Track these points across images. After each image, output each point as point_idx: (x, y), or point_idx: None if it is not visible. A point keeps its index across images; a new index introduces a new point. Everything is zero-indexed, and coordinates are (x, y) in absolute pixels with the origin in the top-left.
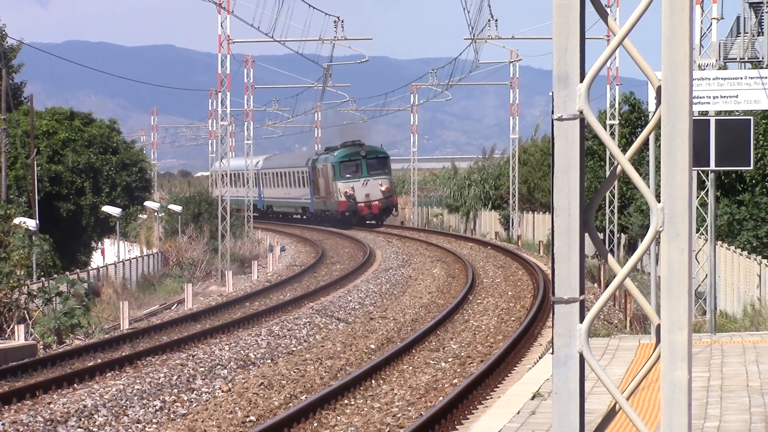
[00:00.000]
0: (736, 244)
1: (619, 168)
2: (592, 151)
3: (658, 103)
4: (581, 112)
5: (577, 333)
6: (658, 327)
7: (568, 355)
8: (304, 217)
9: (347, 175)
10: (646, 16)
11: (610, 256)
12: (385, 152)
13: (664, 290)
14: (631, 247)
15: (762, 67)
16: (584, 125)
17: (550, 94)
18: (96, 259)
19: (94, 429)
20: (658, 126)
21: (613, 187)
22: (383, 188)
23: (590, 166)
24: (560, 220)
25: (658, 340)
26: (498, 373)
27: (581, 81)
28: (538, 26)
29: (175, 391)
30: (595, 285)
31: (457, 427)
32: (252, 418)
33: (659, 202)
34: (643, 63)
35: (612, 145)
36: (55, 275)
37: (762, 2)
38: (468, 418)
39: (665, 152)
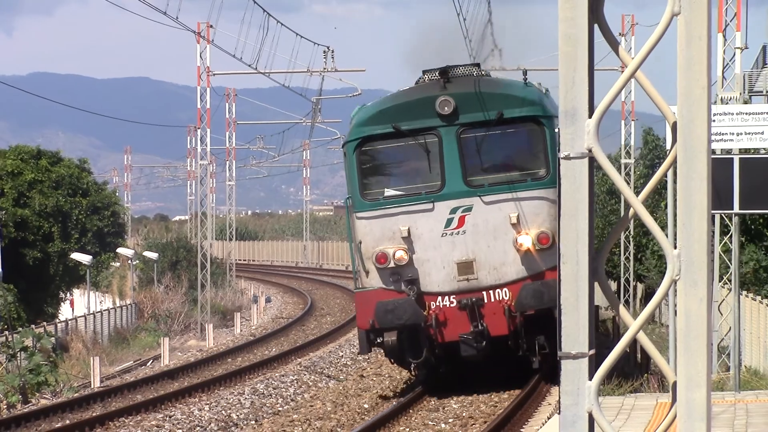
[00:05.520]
0: (764, 293)
1: (631, 211)
2: (611, 191)
3: (674, 141)
4: (590, 150)
5: (586, 391)
6: (675, 384)
7: (576, 415)
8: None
9: (386, 191)
10: (662, 45)
11: (621, 307)
12: (537, 97)
13: (680, 344)
14: (648, 298)
15: None
16: (594, 164)
17: (556, 130)
18: (64, 311)
19: None
20: (674, 165)
21: (629, 232)
22: (531, 239)
23: (611, 204)
24: (568, 268)
25: (675, 399)
26: None
27: (590, 116)
28: (548, 56)
29: None
30: (610, 338)
31: None
32: None
33: (676, 248)
34: (658, 97)
35: (624, 187)
36: (20, 328)
37: None
38: None
39: (681, 194)
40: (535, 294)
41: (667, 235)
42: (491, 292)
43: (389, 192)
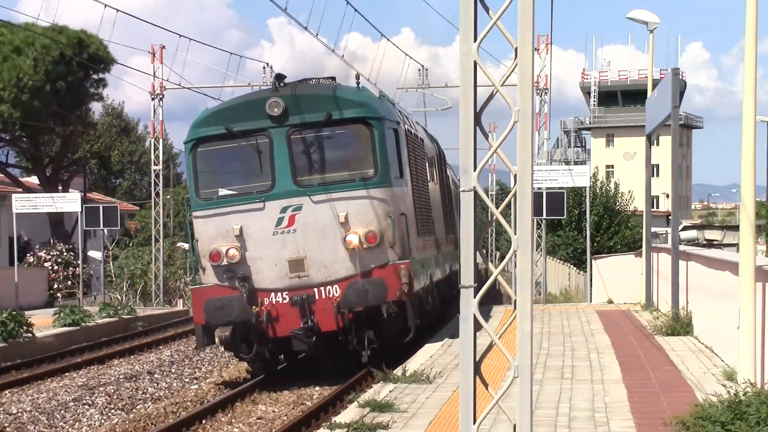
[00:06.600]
0: (557, 257)
1: (494, 217)
2: (485, 207)
3: (515, 183)
4: (474, 188)
5: (473, 304)
6: (515, 301)
7: (467, 316)
8: None
9: (222, 190)
10: (510, 136)
11: (490, 263)
12: (367, 99)
13: (518, 281)
14: (502, 259)
15: (570, 165)
16: (476, 195)
17: (456, 179)
18: None
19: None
20: (515, 195)
21: (493, 228)
22: (359, 238)
23: (481, 218)
24: (464, 244)
25: (515, 308)
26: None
27: (474, 170)
28: (456, 140)
29: None
30: (483, 279)
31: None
32: None
33: (516, 234)
34: (507, 161)
35: (491, 206)
36: None
37: (570, 131)
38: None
39: (519, 209)
40: (360, 292)
41: (511, 227)
42: (322, 288)
43: (223, 192)
